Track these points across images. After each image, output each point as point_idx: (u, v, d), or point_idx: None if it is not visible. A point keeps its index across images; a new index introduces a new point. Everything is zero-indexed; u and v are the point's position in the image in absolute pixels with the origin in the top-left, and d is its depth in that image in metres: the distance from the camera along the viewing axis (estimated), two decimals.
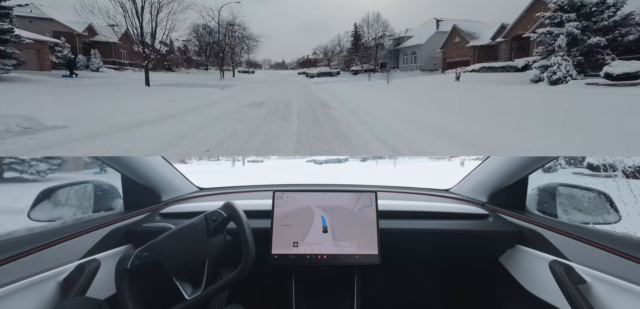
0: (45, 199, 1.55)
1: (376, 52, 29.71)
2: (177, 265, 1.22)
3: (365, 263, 1.46)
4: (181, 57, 33.55)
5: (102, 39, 21.38)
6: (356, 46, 32.36)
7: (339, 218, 1.51)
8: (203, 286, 1.20)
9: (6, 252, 1.06)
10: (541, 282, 1.39)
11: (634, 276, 1.01)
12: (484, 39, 21.96)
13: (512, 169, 1.66)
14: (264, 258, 1.43)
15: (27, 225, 1.41)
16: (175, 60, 30.74)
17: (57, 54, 18.84)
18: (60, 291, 1.19)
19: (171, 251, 1.24)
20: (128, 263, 1.21)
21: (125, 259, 1.22)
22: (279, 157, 11.55)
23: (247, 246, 1.23)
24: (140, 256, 1.23)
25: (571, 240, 1.27)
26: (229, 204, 1.33)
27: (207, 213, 1.32)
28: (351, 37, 33.99)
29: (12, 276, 1.04)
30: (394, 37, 30.76)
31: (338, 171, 10.84)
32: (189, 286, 1.22)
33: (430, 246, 1.71)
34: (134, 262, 1.22)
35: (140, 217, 1.67)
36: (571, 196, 1.62)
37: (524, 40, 17.47)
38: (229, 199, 1.38)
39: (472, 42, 22.40)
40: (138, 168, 1.72)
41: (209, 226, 1.28)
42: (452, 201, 1.95)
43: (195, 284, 1.23)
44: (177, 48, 32.43)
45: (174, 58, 30.49)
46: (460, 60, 22.91)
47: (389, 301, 2.07)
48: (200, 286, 1.20)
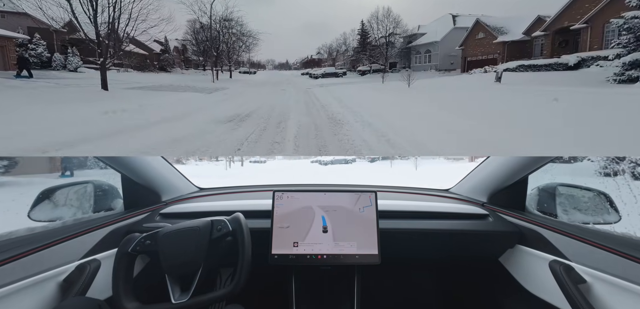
0: (45, 199, 1.56)
1: (387, 51, 27.63)
2: (174, 263, 1.23)
3: (365, 263, 1.46)
4: (179, 57, 32.81)
5: (84, 37, 19.82)
6: (364, 45, 30.80)
7: (339, 218, 1.51)
8: (190, 293, 1.20)
9: (6, 252, 1.06)
10: (541, 282, 1.39)
11: (634, 276, 1.01)
12: (514, 33, 19.70)
13: (512, 169, 1.66)
14: (264, 258, 1.43)
15: (27, 225, 1.41)
16: (170, 60, 29.99)
17: (31, 51, 17.62)
18: (60, 291, 1.19)
19: (172, 246, 1.25)
20: (130, 247, 1.23)
21: (128, 242, 1.25)
22: (283, 157, 11.00)
23: (243, 267, 1.22)
24: (143, 242, 1.25)
25: (571, 240, 1.27)
26: (237, 219, 1.33)
27: (214, 220, 1.32)
28: (358, 35, 32.44)
29: (12, 276, 1.03)
30: (406, 35, 28.65)
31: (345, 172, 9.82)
32: (177, 289, 1.23)
33: (430, 246, 1.71)
34: (135, 247, 1.24)
35: (140, 217, 1.68)
36: (571, 196, 1.62)
37: (570, 33, 15.33)
38: (230, 201, 1.39)
39: (500, 38, 20.07)
40: (138, 168, 1.73)
41: (212, 233, 1.28)
42: (452, 201, 1.96)
43: (184, 288, 1.23)
44: (174, 48, 31.48)
45: (168, 58, 29.64)
46: (485, 59, 20.71)
47: (389, 301, 2.07)
48: (188, 292, 1.20)
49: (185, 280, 1.24)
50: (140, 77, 13.46)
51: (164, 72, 27.31)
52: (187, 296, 1.19)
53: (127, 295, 1.19)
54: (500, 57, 19.57)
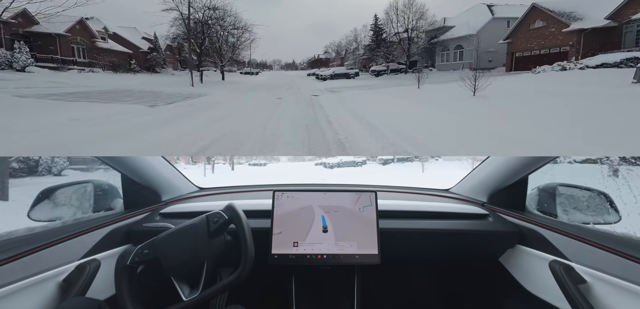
0: (45, 199, 1.55)
1: (409, 47, 23.39)
2: (177, 265, 1.22)
3: (365, 263, 1.46)
4: (173, 56, 30.46)
5: (43, 30, 16.98)
6: (378, 41, 26.98)
7: (339, 218, 1.51)
8: (201, 287, 1.20)
9: (6, 252, 1.06)
10: (541, 282, 1.39)
11: (634, 276, 1.01)
12: (591, 19, 15.37)
13: (512, 169, 1.66)
14: (264, 257, 1.43)
15: (27, 225, 1.41)
16: (158, 60, 26.51)
17: None
18: (60, 291, 1.19)
19: (171, 250, 1.24)
20: (128, 260, 1.22)
21: (126, 255, 1.23)
22: (288, 159, 10.20)
23: (247, 249, 1.23)
24: (141, 253, 1.23)
25: (571, 240, 1.27)
26: (230, 207, 1.33)
27: (209, 214, 1.32)
28: (371, 32, 28.73)
29: (12, 276, 1.03)
30: (432, 28, 24.26)
31: None
32: (186, 287, 1.22)
33: (430, 245, 1.71)
34: (134, 259, 1.22)
35: (140, 217, 1.67)
36: (571, 196, 1.62)
37: None
38: (230, 200, 1.39)
39: (574, 25, 15.56)
40: (138, 168, 1.72)
41: (210, 227, 1.28)
42: (452, 200, 1.96)
43: (193, 285, 1.23)
44: (166, 47, 27.89)
45: (156, 57, 26.47)
46: (544, 53, 16.90)
47: (389, 301, 2.07)
48: (197, 287, 1.20)
49: (192, 277, 1.24)
50: (102, 79, 11.22)
51: (152, 73, 24.25)
52: (198, 291, 1.19)
53: (135, 305, 1.18)
54: (575, 49, 15.61)
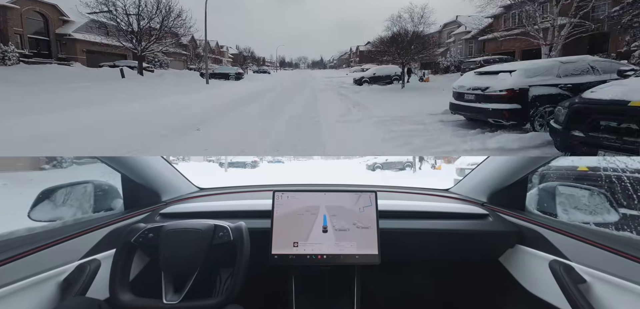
0: (45, 199, 1.55)
1: None
2: (172, 262, 1.24)
3: (365, 263, 1.46)
4: (193, 52, 26.28)
5: None
6: None
7: (339, 218, 1.51)
8: (183, 295, 1.20)
9: (6, 252, 1.06)
10: (541, 282, 1.39)
11: (634, 276, 1.01)
12: None
13: (511, 169, 1.66)
14: (264, 257, 1.43)
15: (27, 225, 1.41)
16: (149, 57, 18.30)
17: None
18: (60, 291, 1.19)
19: (172, 244, 1.25)
20: (133, 237, 1.24)
21: (132, 232, 1.25)
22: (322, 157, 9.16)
23: (237, 280, 1.22)
24: (146, 234, 1.26)
25: (571, 240, 1.27)
26: (239, 229, 1.33)
27: (217, 225, 1.32)
28: None
29: (12, 276, 1.03)
30: None
31: None
32: (171, 289, 1.23)
33: (430, 246, 1.71)
34: (138, 238, 1.24)
35: (140, 217, 1.68)
36: (571, 195, 1.62)
37: None
38: (230, 200, 1.39)
39: None
40: (138, 168, 1.73)
41: (214, 238, 1.29)
42: (451, 200, 1.96)
43: (177, 289, 1.23)
44: (171, 43, 18.21)
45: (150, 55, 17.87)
46: None
47: (389, 301, 2.07)
48: (180, 292, 1.21)
49: (180, 280, 1.24)
50: None
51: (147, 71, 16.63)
52: (179, 297, 1.19)
53: (123, 285, 1.20)
54: None
